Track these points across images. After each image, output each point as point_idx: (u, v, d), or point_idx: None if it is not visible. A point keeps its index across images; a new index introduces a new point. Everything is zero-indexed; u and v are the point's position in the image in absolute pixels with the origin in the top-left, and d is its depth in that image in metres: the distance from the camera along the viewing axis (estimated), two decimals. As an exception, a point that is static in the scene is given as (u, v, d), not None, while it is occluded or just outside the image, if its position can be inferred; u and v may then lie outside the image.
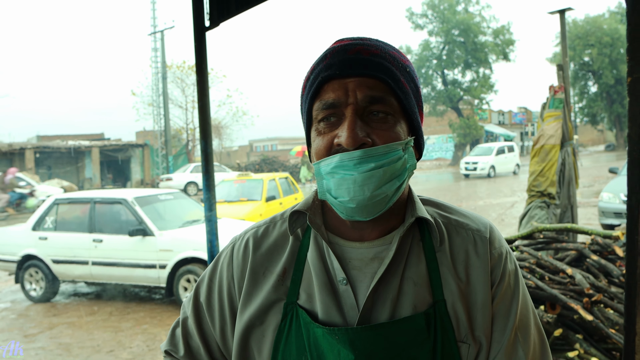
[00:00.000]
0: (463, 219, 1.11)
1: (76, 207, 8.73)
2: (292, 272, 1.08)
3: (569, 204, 6.70)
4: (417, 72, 6.57)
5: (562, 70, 6.80)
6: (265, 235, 1.16)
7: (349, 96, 0.97)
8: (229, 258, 1.18)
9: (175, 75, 37.77)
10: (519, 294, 1.06)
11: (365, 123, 0.98)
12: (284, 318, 1.05)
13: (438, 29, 45.03)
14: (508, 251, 1.09)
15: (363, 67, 0.98)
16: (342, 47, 1.01)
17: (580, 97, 51.58)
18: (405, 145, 0.99)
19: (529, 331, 1.05)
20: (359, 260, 1.04)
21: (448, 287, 1.02)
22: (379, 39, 1.06)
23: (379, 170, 0.95)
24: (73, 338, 6.63)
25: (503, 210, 15.21)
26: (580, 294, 3.51)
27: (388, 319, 0.99)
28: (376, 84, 0.98)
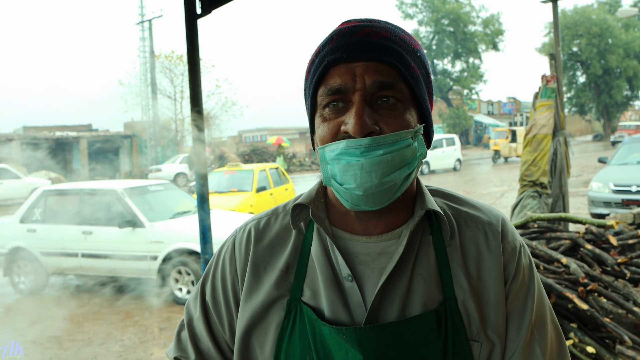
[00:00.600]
0: (474, 211, 1.06)
1: (65, 198, 8.64)
2: (296, 267, 1.04)
3: (561, 194, 6.72)
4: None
5: (555, 59, 6.79)
6: (267, 227, 1.11)
7: (357, 81, 0.92)
8: (231, 251, 1.13)
9: (164, 65, 37.44)
10: (534, 289, 1.02)
11: (374, 110, 0.92)
12: (287, 315, 1.01)
13: (428, 18, 45.04)
14: (522, 245, 1.05)
15: (372, 50, 0.92)
16: (350, 29, 0.95)
17: (569, 87, 51.80)
18: (415, 133, 0.94)
19: (546, 328, 1.01)
20: (365, 255, 1.00)
21: (459, 283, 0.98)
22: (389, 21, 1.01)
23: (388, 156, 0.90)
24: (63, 331, 6.56)
25: (493, 200, 15.27)
26: (575, 283, 3.51)
27: (397, 317, 0.95)
28: (386, 69, 0.92)
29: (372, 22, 0.98)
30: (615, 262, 3.56)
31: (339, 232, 1.03)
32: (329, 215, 1.05)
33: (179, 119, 38.23)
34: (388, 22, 1.01)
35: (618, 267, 3.57)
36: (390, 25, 0.99)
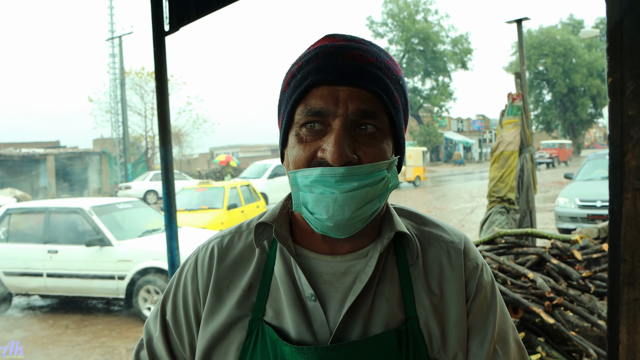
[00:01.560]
0: (437, 230, 1.07)
1: (30, 217, 8.43)
2: (259, 287, 1.02)
3: (528, 209, 6.83)
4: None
5: (520, 78, 6.95)
6: (230, 245, 1.09)
7: (339, 107, 0.90)
8: (193, 270, 1.11)
9: (134, 82, 37.13)
10: (496, 307, 1.03)
11: (353, 138, 0.91)
12: (249, 335, 1.00)
13: (398, 37, 45.74)
14: (483, 263, 1.06)
15: (358, 76, 0.90)
16: (336, 50, 0.93)
17: (536, 104, 53.00)
18: (390, 164, 0.94)
19: (509, 345, 1.02)
20: (330, 275, 0.99)
21: (421, 302, 0.98)
22: (373, 42, 0.99)
23: (362, 190, 0.89)
24: (26, 354, 6.36)
25: (463, 216, 15.44)
26: (542, 297, 3.55)
27: (359, 336, 0.95)
28: (369, 97, 0.91)
29: (358, 44, 0.95)
30: (580, 277, 3.62)
31: (303, 250, 1.02)
32: (294, 233, 1.04)
33: (150, 135, 37.85)
34: (372, 43, 0.99)
35: (583, 281, 3.63)
36: (376, 48, 0.97)
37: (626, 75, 0.82)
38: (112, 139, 37.16)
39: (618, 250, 0.86)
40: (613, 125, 0.84)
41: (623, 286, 0.86)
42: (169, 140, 3.78)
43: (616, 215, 0.86)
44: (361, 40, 0.97)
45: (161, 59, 3.70)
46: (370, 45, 0.96)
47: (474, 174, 36.58)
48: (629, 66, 0.81)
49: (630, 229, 0.85)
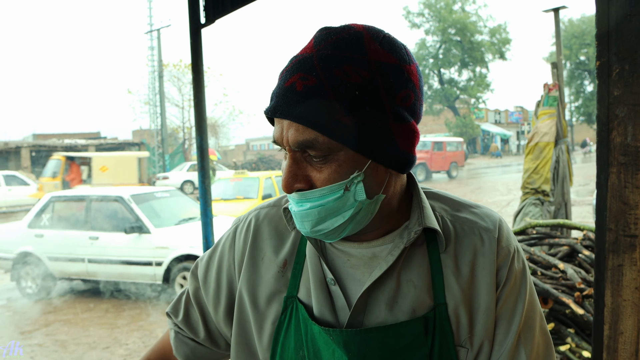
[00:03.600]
0: (472, 216, 1.06)
1: (72, 204, 8.74)
2: (293, 264, 1.06)
3: (563, 201, 6.75)
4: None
5: (557, 68, 6.84)
6: (266, 218, 1.13)
7: (284, 137, 0.91)
8: (231, 240, 1.16)
9: (172, 74, 37.74)
10: (525, 294, 1.02)
11: (307, 162, 0.92)
12: (284, 311, 1.04)
13: (435, 27, 45.14)
14: (516, 249, 1.04)
15: (291, 108, 0.88)
16: (287, 72, 0.92)
17: (577, 96, 51.70)
18: (351, 182, 0.91)
19: (534, 333, 1.02)
20: (357, 259, 1.01)
21: (450, 290, 0.98)
22: (344, 40, 0.91)
23: (314, 210, 0.92)
24: (69, 335, 6.64)
25: (499, 209, 15.27)
26: (572, 288, 3.55)
27: (383, 321, 0.97)
28: (305, 129, 0.88)
29: (312, 56, 0.90)
30: (612, 268, 3.60)
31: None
32: None
33: (187, 127, 38.46)
34: (342, 41, 0.91)
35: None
36: (335, 54, 0.90)
37: (612, 59, 0.86)
38: (151, 130, 37.92)
39: (604, 220, 0.90)
40: (600, 105, 0.88)
41: (608, 253, 0.90)
42: (204, 129, 3.89)
43: (602, 188, 0.90)
44: (324, 45, 0.91)
45: (197, 51, 3.81)
46: (325, 54, 0.89)
47: (511, 167, 35.99)
48: (614, 50, 0.85)
49: (615, 201, 0.89)
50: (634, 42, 0.82)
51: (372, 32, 0.93)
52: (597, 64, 0.88)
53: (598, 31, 0.87)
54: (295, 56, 0.94)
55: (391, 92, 0.90)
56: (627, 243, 0.89)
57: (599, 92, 0.89)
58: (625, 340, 0.90)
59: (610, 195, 0.89)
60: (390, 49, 0.92)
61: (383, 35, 0.93)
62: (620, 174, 0.88)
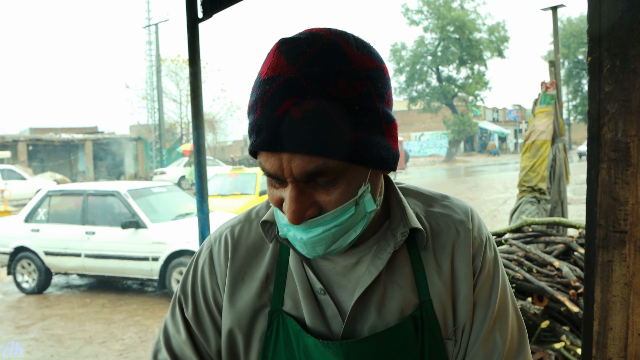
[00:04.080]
0: (444, 209, 1.06)
1: (69, 199, 8.73)
2: (275, 277, 1.03)
3: (560, 200, 6.76)
4: (411, 67, 6.18)
5: (554, 66, 6.85)
6: (241, 235, 1.08)
7: (285, 170, 0.84)
8: (210, 264, 1.09)
9: (170, 69, 37.70)
10: (498, 281, 1.04)
11: (312, 188, 0.87)
12: (270, 326, 1.01)
13: (433, 25, 45.11)
14: (488, 237, 1.06)
15: (294, 140, 0.81)
16: (273, 99, 0.83)
17: (574, 95, 51.80)
18: (360, 197, 0.89)
19: (507, 318, 1.04)
20: (342, 267, 1.00)
21: (434, 286, 0.99)
22: (324, 52, 0.84)
23: (328, 233, 0.88)
24: (65, 329, 6.64)
25: (496, 207, 15.30)
26: (567, 286, 3.56)
27: (373, 324, 0.97)
28: (311, 159, 0.83)
29: (297, 77, 0.82)
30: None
31: None
32: None
33: (185, 122, 38.43)
34: (323, 56, 0.84)
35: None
36: (321, 69, 0.83)
37: (603, 55, 0.87)
38: (148, 125, 37.93)
39: (594, 216, 0.91)
40: (591, 100, 0.89)
41: (598, 249, 0.92)
42: (201, 124, 3.89)
43: (593, 184, 0.91)
44: (310, 55, 0.84)
45: (195, 46, 3.80)
46: (311, 70, 0.82)
47: (509, 165, 36.07)
48: (606, 46, 0.86)
49: (605, 197, 0.90)
50: (626, 38, 0.83)
51: (343, 37, 0.87)
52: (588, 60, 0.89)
53: (590, 27, 0.88)
54: (272, 78, 0.84)
55: (381, 96, 0.88)
56: (617, 239, 0.90)
57: (589, 88, 0.90)
58: (615, 336, 0.91)
59: (601, 191, 0.90)
60: (369, 53, 0.89)
61: (354, 39, 0.89)
62: (611, 170, 0.89)
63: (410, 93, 47.70)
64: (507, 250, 4.14)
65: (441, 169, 36.94)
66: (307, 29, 0.89)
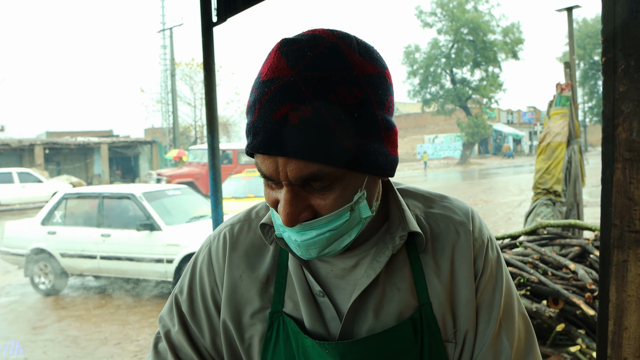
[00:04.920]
0: (444, 211, 1.05)
1: (85, 201, 8.82)
2: (275, 279, 1.03)
3: (575, 202, 6.70)
4: (425, 70, 6.17)
5: (569, 68, 6.80)
6: (240, 234, 1.09)
7: (280, 173, 0.84)
8: (208, 261, 1.11)
9: (184, 73, 37.98)
10: (502, 282, 1.03)
11: (307, 192, 0.87)
12: (270, 327, 1.02)
13: (447, 27, 44.96)
14: (489, 238, 1.05)
15: (289, 145, 0.81)
16: (270, 103, 0.82)
17: (590, 96, 51.31)
18: (356, 203, 0.89)
19: (514, 320, 1.03)
20: (340, 269, 1.00)
21: (433, 288, 0.99)
22: (325, 56, 0.83)
23: (322, 237, 0.88)
24: (81, 331, 6.71)
25: (510, 209, 15.19)
26: (583, 289, 3.53)
27: (371, 327, 0.97)
28: (307, 164, 0.82)
29: (297, 81, 0.82)
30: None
31: None
32: None
33: (199, 125, 38.67)
34: (324, 60, 0.83)
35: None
36: (322, 76, 0.82)
37: (618, 55, 0.87)
38: (163, 128, 38.20)
39: (609, 216, 0.91)
40: (606, 100, 0.89)
41: (613, 249, 0.91)
42: (216, 128, 3.92)
43: (608, 184, 0.91)
44: (310, 59, 0.83)
45: (209, 49, 3.84)
46: (311, 76, 0.82)
47: (524, 167, 35.82)
48: (620, 46, 0.86)
49: (620, 196, 0.90)
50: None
51: (346, 40, 0.86)
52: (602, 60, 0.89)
53: (604, 27, 0.88)
54: (271, 80, 0.84)
55: (381, 103, 0.87)
56: (632, 239, 0.90)
57: (604, 88, 0.90)
58: (630, 335, 0.90)
59: (615, 191, 0.90)
60: (371, 58, 0.87)
61: (357, 42, 0.88)
62: (626, 170, 0.89)
63: (424, 95, 47.55)
64: (522, 252, 4.12)
65: (455, 172, 36.76)
66: (310, 30, 0.88)
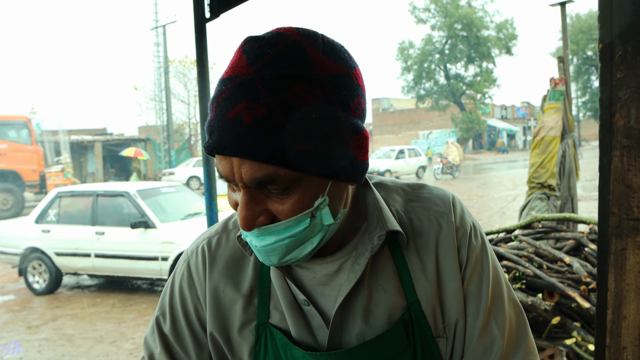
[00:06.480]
0: (426, 203, 1.02)
1: (78, 200, 8.79)
2: (259, 290, 1.01)
3: (569, 196, 6.72)
4: (419, 66, 6.17)
5: (563, 62, 6.81)
6: (218, 247, 1.05)
7: (235, 174, 0.81)
8: (188, 277, 1.06)
9: (178, 70, 37.87)
10: (488, 269, 1.00)
11: (265, 195, 0.84)
12: (258, 340, 0.99)
13: (441, 23, 45.00)
14: (473, 226, 1.02)
15: (242, 145, 0.78)
16: (226, 101, 0.80)
17: (583, 91, 51.47)
18: (316, 208, 0.85)
19: (503, 308, 1.00)
20: (323, 275, 0.97)
21: (420, 286, 0.96)
22: (285, 54, 0.81)
23: (281, 243, 0.85)
24: (76, 329, 6.68)
25: (505, 204, 15.24)
26: (578, 282, 3.54)
27: (360, 331, 0.95)
28: (261, 165, 0.79)
29: (252, 80, 0.79)
30: (618, 262, 3.58)
31: None
32: None
33: (193, 123, 38.57)
34: (283, 58, 0.81)
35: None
36: (281, 71, 0.80)
37: (615, 41, 0.86)
38: (157, 126, 38.07)
39: (607, 204, 0.90)
40: (603, 87, 0.88)
41: (611, 237, 0.91)
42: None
43: (605, 171, 0.90)
44: (270, 57, 0.80)
45: (202, 46, 3.81)
46: (267, 75, 0.79)
47: (518, 162, 35.90)
48: (617, 33, 0.85)
49: (618, 184, 0.89)
50: (637, 23, 0.82)
51: (310, 39, 0.83)
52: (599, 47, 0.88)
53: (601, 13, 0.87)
54: (229, 78, 0.81)
55: (345, 104, 0.83)
56: (631, 227, 0.89)
57: (601, 75, 0.89)
58: (629, 324, 0.90)
59: (613, 179, 0.89)
60: (336, 57, 0.84)
61: (323, 41, 0.85)
62: (623, 157, 0.88)
63: (418, 91, 47.58)
64: (517, 246, 4.12)
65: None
66: (276, 28, 0.86)
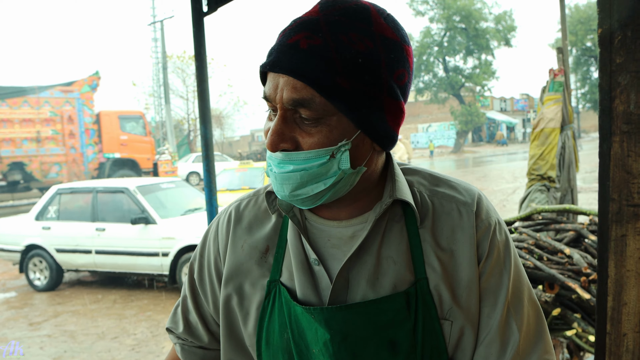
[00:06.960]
0: (450, 190, 1.06)
1: (78, 196, 8.78)
2: (275, 249, 1.07)
3: (569, 187, 6.72)
4: (417, 58, 6.25)
5: (562, 53, 6.79)
6: (246, 208, 1.15)
7: (277, 94, 0.91)
8: (215, 232, 1.18)
9: (176, 66, 37.81)
10: (510, 267, 1.02)
11: (296, 124, 0.92)
12: (267, 296, 1.05)
13: (439, 15, 44.88)
14: (497, 222, 1.04)
15: (292, 64, 0.88)
16: (289, 31, 0.92)
17: (583, 82, 51.37)
18: (338, 149, 0.91)
19: (522, 305, 1.02)
20: (338, 239, 1.02)
21: (431, 264, 0.99)
22: (352, 9, 0.92)
23: (297, 173, 0.91)
24: (77, 325, 6.69)
25: (505, 196, 15.24)
26: (578, 273, 3.54)
27: (364, 297, 0.98)
28: (302, 86, 0.88)
29: (318, 19, 0.91)
30: (619, 252, 3.58)
31: (312, 216, 1.05)
32: None
33: (192, 118, 38.55)
34: (348, 11, 0.91)
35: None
36: (340, 21, 0.90)
37: (614, 26, 0.85)
38: (156, 121, 37.96)
39: (607, 190, 0.90)
40: (602, 73, 0.87)
41: (611, 224, 0.90)
42: (208, 119, 3.88)
43: (605, 157, 0.89)
44: (330, 11, 0.91)
45: (200, 40, 3.80)
46: (330, 22, 0.90)
47: (517, 154, 35.91)
48: (616, 17, 0.84)
49: (618, 170, 0.88)
50: (637, 8, 0.81)
51: (377, 8, 0.94)
52: (599, 32, 0.87)
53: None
54: (299, 17, 0.93)
55: (390, 67, 0.91)
56: (631, 213, 0.89)
57: (600, 60, 0.88)
58: (629, 311, 0.90)
59: (613, 165, 0.88)
60: (394, 27, 0.93)
61: (387, 14, 0.95)
62: (623, 143, 0.87)
63: (417, 84, 47.49)
64: (517, 238, 4.12)
65: (449, 160, 36.82)
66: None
